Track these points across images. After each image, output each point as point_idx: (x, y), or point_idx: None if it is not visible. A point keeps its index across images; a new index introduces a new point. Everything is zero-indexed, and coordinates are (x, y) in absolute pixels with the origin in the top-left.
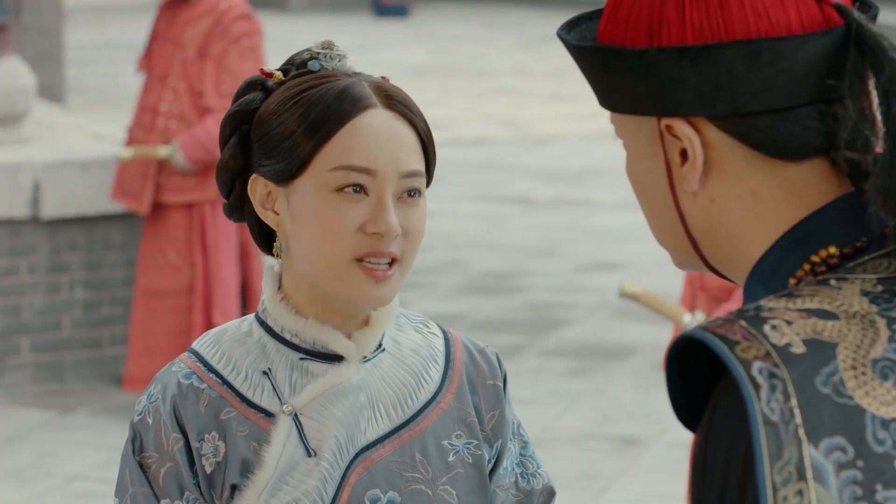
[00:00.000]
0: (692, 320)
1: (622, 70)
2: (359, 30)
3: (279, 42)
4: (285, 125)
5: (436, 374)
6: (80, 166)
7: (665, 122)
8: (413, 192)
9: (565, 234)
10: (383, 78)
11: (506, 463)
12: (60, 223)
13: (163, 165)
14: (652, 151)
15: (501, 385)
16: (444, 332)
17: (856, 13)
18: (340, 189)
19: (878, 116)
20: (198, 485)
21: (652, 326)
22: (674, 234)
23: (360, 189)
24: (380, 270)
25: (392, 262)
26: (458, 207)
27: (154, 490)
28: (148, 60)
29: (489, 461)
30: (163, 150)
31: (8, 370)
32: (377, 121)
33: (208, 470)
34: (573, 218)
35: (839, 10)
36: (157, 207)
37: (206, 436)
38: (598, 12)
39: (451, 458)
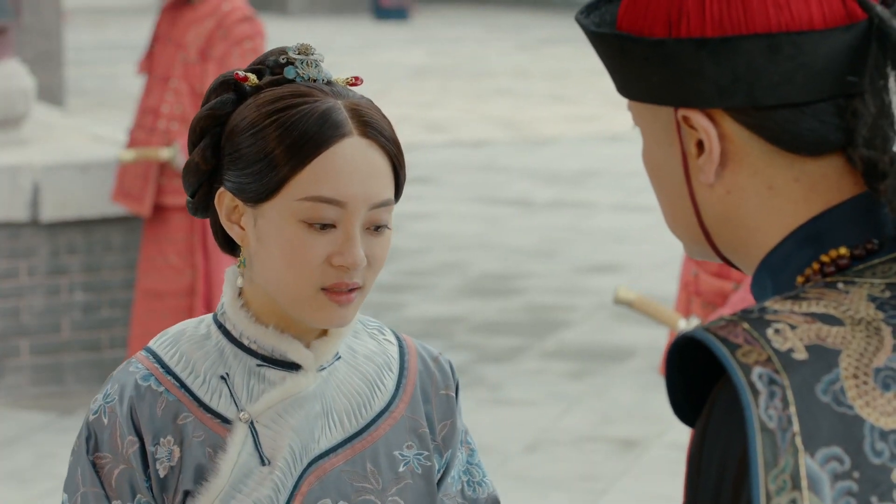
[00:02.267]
0: (687, 325)
1: (639, 59)
2: (358, 32)
3: (279, 44)
4: (259, 146)
5: (390, 382)
6: (80, 168)
7: (682, 112)
8: (380, 227)
9: (564, 236)
10: (356, 79)
11: (453, 472)
12: (60, 225)
13: (164, 167)
14: (668, 141)
15: (454, 395)
16: (398, 339)
17: (879, 8)
18: (309, 223)
19: None
20: (150, 488)
21: (651, 328)
22: (687, 224)
23: (327, 225)
24: (343, 295)
25: (354, 288)
26: (457, 209)
27: (106, 490)
28: (149, 62)
29: (438, 471)
30: (164, 152)
31: (7, 372)
32: (352, 151)
33: (162, 474)
34: (572, 219)
35: (862, 4)
36: (158, 209)
37: (162, 439)
38: None
39: (401, 469)
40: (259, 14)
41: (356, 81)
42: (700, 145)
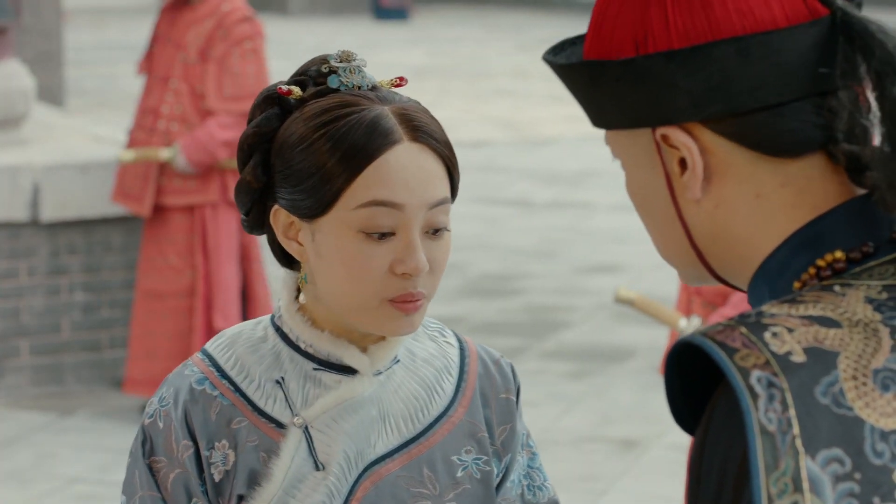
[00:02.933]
0: (688, 325)
1: (611, 83)
2: (358, 32)
3: (279, 44)
4: (311, 161)
5: (449, 386)
6: (80, 168)
7: (660, 131)
8: (439, 230)
9: (564, 236)
10: (400, 80)
11: (513, 476)
12: (60, 226)
13: (164, 168)
14: (650, 165)
15: (514, 399)
16: (459, 341)
17: (839, 1)
18: (367, 232)
19: (874, 103)
20: (206, 492)
21: (651, 329)
22: (679, 247)
23: (386, 234)
24: (409, 304)
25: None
26: (457, 209)
27: (162, 494)
28: (149, 62)
29: (497, 475)
30: (164, 153)
31: (7, 372)
32: (404, 157)
33: (217, 478)
34: (572, 220)
35: (823, 0)
36: (158, 210)
37: (217, 444)
38: (582, 37)
39: (459, 474)
40: (259, 14)
41: (401, 82)
42: (682, 163)
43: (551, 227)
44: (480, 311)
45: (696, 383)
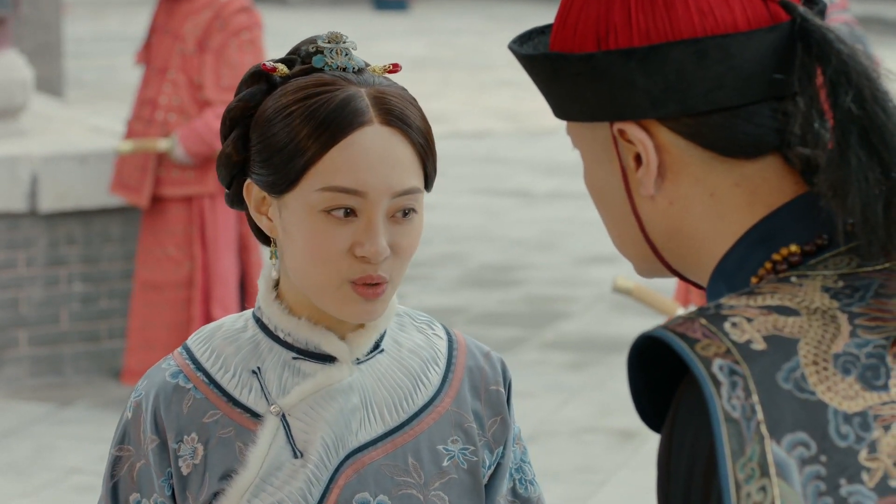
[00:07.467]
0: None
1: (571, 76)
2: (358, 23)
3: (278, 35)
4: (282, 135)
5: (435, 376)
6: (79, 159)
7: (617, 126)
8: (407, 212)
9: (565, 227)
10: (394, 66)
11: (505, 470)
12: (58, 216)
13: (162, 158)
14: (607, 158)
15: (504, 391)
16: (448, 333)
17: (801, 8)
18: (329, 211)
19: (828, 110)
20: (170, 485)
21: (651, 320)
22: (633, 241)
23: (349, 212)
24: (369, 289)
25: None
26: (457, 200)
27: (126, 482)
28: (147, 53)
29: (489, 467)
30: (162, 143)
31: (6, 363)
32: (371, 140)
33: (184, 472)
34: (573, 211)
35: (784, 6)
36: (157, 201)
37: (186, 437)
38: (551, 26)
39: (445, 464)
40: (258, 5)
41: (394, 69)
42: (638, 158)
43: (552, 218)
44: (480, 302)
45: (660, 380)
